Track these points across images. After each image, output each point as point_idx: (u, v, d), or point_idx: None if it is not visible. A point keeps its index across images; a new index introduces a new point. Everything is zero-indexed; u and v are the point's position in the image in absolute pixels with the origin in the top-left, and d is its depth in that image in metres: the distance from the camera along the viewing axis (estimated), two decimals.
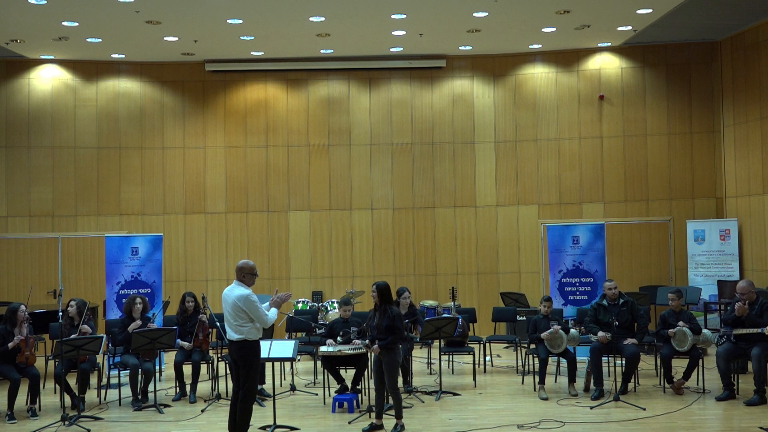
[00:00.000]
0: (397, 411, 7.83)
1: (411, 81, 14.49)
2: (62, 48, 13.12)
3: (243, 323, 7.23)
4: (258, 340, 7.33)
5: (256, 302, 7.23)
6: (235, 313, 7.24)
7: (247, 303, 7.20)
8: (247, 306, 7.19)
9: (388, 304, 7.99)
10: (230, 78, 14.40)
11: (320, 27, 12.13)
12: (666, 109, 14.02)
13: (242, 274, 7.37)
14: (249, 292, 7.27)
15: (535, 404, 8.98)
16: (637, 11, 11.72)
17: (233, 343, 7.30)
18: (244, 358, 7.26)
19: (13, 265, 13.54)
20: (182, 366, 9.58)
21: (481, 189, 14.37)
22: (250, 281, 7.40)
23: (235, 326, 7.25)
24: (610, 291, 9.56)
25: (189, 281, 13.95)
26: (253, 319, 7.23)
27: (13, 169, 13.80)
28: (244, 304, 7.19)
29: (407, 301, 10.19)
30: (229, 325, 7.32)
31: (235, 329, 7.26)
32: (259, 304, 7.26)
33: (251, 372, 7.28)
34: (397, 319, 7.87)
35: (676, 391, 9.27)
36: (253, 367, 7.28)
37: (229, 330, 7.32)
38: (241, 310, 7.20)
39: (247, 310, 7.19)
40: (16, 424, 8.43)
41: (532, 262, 14.13)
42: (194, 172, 14.33)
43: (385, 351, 7.80)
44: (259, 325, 7.29)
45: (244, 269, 7.39)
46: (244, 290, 7.28)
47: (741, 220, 13.15)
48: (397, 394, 7.84)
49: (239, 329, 7.23)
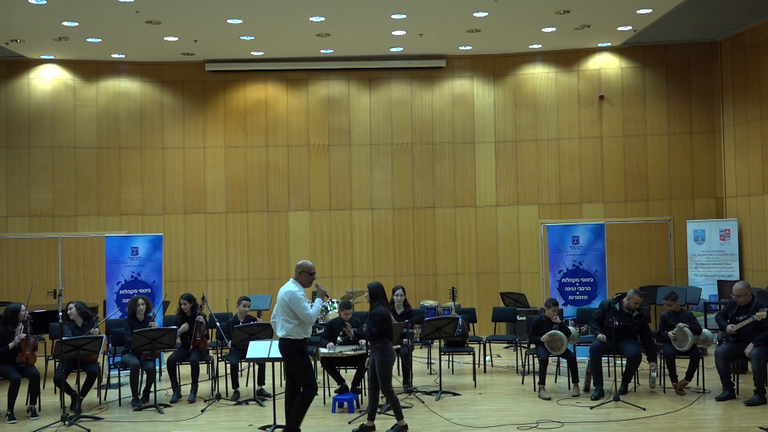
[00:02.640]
0: (396, 412, 7.79)
1: (411, 81, 14.49)
2: (62, 48, 13.12)
3: (288, 319, 7.34)
4: (303, 339, 7.39)
5: (300, 299, 7.32)
6: (282, 310, 7.38)
7: (292, 299, 7.31)
8: (291, 302, 7.30)
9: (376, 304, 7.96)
10: (230, 78, 14.40)
11: (320, 27, 12.13)
12: (666, 109, 14.02)
13: (299, 271, 7.51)
14: (296, 289, 7.38)
15: (534, 404, 8.97)
16: (637, 11, 11.72)
17: (280, 339, 7.45)
18: (288, 356, 7.39)
19: (13, 265, 13.54)
20: (176, 365, 9.55)
21: (481, 189, 14.37)
22: (306, 280, 7.51)
23: (282, 322, 7.39)
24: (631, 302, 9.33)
25: (189, 281, 13.95)
26: (299, 317, 7.30)
27: (13, 169, 13.80)
28: (289, 300, 7.31)
29: (400, 299, 10.22)
30: (277, 321, 7.46)
31: (281, 326, 7.40)
32: (304, 302, 7.35)
33: (300, 369, 7.36)
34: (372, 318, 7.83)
35: (678, 391, 9.27)
36: (300, 363, 7.36)
37: (277, 326, 7.46)
38: (286, 306, 7.33)
39: (291, 305, 7.30)
40: (16, 424, 8.43)
41: (532, 262, 14.13)
42: (194, 172, 14.33)
43: (377, 352, 7.79)
44: (305, 325, 7.37)
45: (303, 267, 7.53)
46: (293, 287, 7.39)
47: (741, 220, 13.15)
48: (391, 396, 7.77)
49: (284, 326, 7.37)
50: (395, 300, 10.24)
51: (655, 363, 9.48)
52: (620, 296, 9.54)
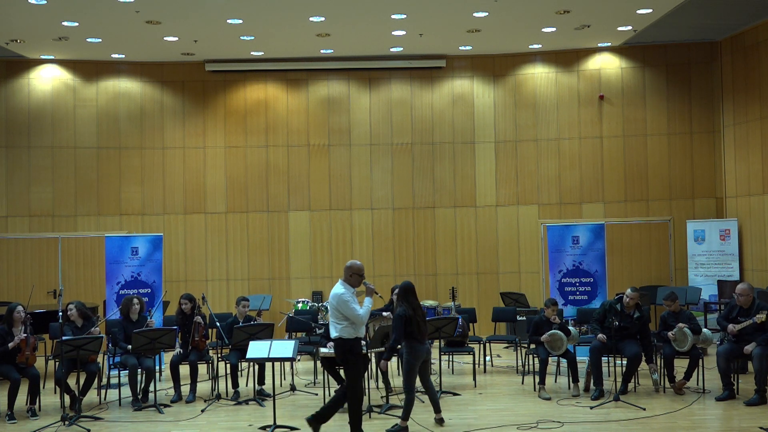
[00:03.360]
0: (405, 412, 7.82)
1: (411, 81, 14.49)
2: (62, 48, 13.12)
3: (339, 320, 7.39)
4: (356, 339, 7.42)
5: (347, 301, 7.36)
6: (333, 311, 7.44)
7: (340, 301, 7.35)
8: (339, 304, 7.35)
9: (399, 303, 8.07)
10: (230, 78, 14.39)
11: (320, 27, 12.13)
12: (666, 109, 14.02)
13: (349, 273, 7.51)
14: (344, 291, 7.40)
15: (535, 404, 8.97)
16: (637, 11, 11.72)
17: (333, 339, 7.50)
18: (341, 356, 7.44)
19: (13, 265, 13.53)
20: (178, 366, 9.56)
21: (481, 189, 14.36)
22: (356, 281, 7.52)
23: (333, 323, 7.44)
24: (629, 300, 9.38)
25: (189, 281, 13.95)
26: (348, 318, 7.34)
27: (13, 169, 13.80)
28: (337, 303, 7.36)
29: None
30: (330, 322, 7.53)
31: (333, 327, 7.46)
32: (353, 303, 7.38)
33: (350, 370, 7.41)
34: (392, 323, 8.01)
35: (677, 391, 9.27)
36: (350, 364, 7.40)
37: (330, 327, 7.52)
38: (335, 308, 7.39)
39: (340, 308, 7.34)
40: (16, 425, 8.42)
41: (532, 262, 14.13)
42: (194, 172, 14.32)
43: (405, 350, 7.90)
44: (356, 325, 7.39)
45: (352, 269, 7.53)
46: (341, 290, 7.42)
47: (741, 220, 13.14)
48: (408, 395, 7.84)
49: (336, 326, 7.41)
50: (393, 300, 10.24)
51: (654, 364, 9.49)
52: (621, 296, 9.54)
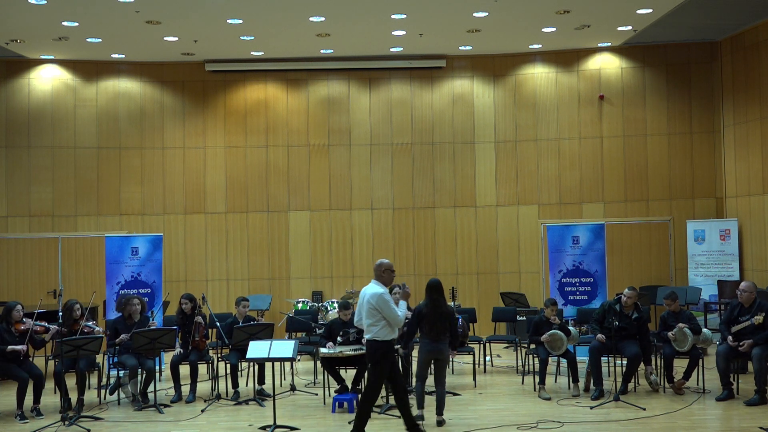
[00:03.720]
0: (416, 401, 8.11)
1: (411, 81, 14.49)
2: (62, 48, 13.12)
3: (375, 321, 7.32)
4: (390, 341, 7.38)
5: (389, 301, 7.33)
6: (368, 312, 7.35)
7: (380, 301, 7.30)
8: (379, 304, 7.28)
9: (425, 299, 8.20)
10: (230, 78, 14.39)
11: (320, 27, 12.13)
12: (666, 109, 14.02)
13: (381, 270, 7.47)
14: (384, 290, 7.38)
15: (535, 404, 8.97)
16: (637, 11, 11.72)
17: (367, 341, 7.45)
18: (371, 357, 7.39)
19: (13, 265, 13.53)
20: (179, 366, 9.55)
21: (481, 189, 14.36)
22: (388, 278, 7.50)
23: (368, 325, 7.37)
24: (627, 299, 9.39)
25: (189, 281, 13.95)
26: (385, 318, 7.30)
27: (13, 169, 13.80)
28: (377, 302, 7.29)
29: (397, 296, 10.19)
30: (363, 323, 7.46)
31: (367, 328, 7.39)
32: (392, 303, 7.35)
33: (376, 372, 7.35)
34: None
35: (677, 391, 9.27)
36: (378, 366, 7.34)
37: (365, 328, 7.47)
38: (373, 308, 7.31)
39: (379, 308, 7.28)
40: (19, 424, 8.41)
41: (532, 262, 14.12)
42: (194, 172, 14.32)
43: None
44: (392, 326, 7.37)
45: (383, 266, 7.50)
46: (379, 288, 7.38)
47: (741, 220, 13.14)
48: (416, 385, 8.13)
49: (371, 328, 7.34)
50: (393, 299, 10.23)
51: (651, 366, 9.49)
52: (620, 297, 9.53)
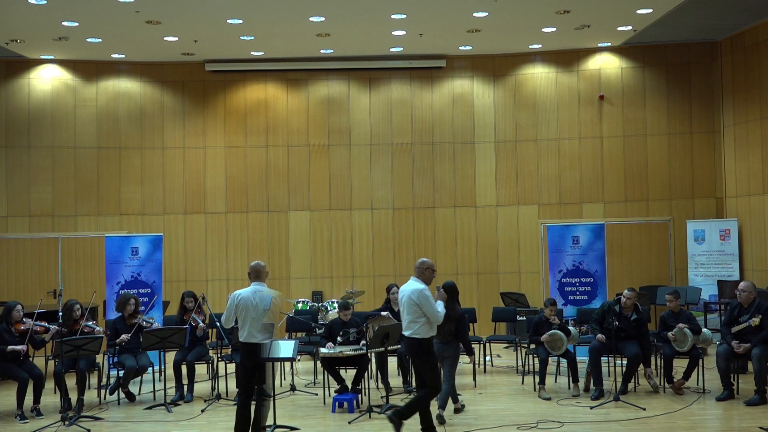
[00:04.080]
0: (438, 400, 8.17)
1: (411, 81, 14.49)
2: (62, 48, 13.12)
3: (415, 318, 7.33)
4: (429, 338, 7.40)
5: (429, 297, 7.34)
6: (408, 308, 7.37)
7: (421, 297, 7.31)
8: (420, 300, 7.30)
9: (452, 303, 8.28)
10: (230, 78, 14.39)
11: (320, 27, 12.13)
12: (666, 109, 14.02)
13: (423, 268, 7.51)
14: (424, 287, 7.40)
15: (535, 404, 8.97)
16: (637, 11, 11.72)
17: (405, 338, 7.47)
18: (416, 355, 7.39)
19: (13, 265, 13.53)
20: (180, 366, 9.55)
21: (481, 189, 14.36)
22: (429, 277, 7.53)
23: (408, 321, 7.39)
24: (627, 300, 9.39)
25: (189, 281, 13.94)
26: (426, 315, 7.31)
27: (13, 169, 13.80)
28: (418, 299, 7.31)
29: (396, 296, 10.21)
30: (403, 320, 7.47)
31: (406, 325, 7.40)
32: (432, 300, 7.37)
33: (428, 368, 7.36)
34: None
35: (676, 391, 9.27)
36: (428, 363, 7.35)
37: (403, 326, 7.49)
38: (414, 305, 7.32)
39: (420, 304, 7.29)
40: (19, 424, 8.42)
41: (532, 262, 14.13)
42: (194, 172, 14.32)
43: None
44: (432, 324, 7.38)
45: (425, 264, 7.55)
46: (419, 285, 7.40)
47: (741, 220, 13.14)
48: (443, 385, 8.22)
49: (411, 325, 7.36)
50: (391, 299, 10.26)
51: (650, 369, 9.50)
52: (620, 298, 9.53)
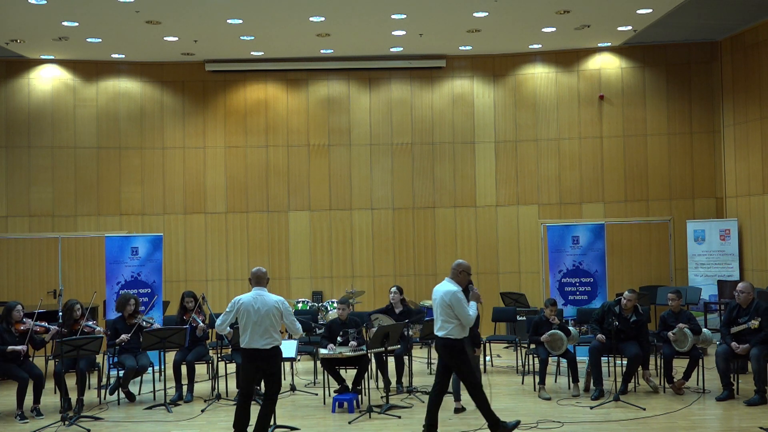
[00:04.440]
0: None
1: (411, 81, 14.49)
2: (62, 48, 13.12)
3: (448, 319, 7.36)
4: (462, 339, 7.41)
5: (461, 300, 7.36)
6: (441, 310, 7.40)
7: (453, 299, 7.33)
8: (453, 302, 7.32)
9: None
10: (230, 78, 14.39)
11: (320, 27, 12.13)
12: (666, 109, 14.02)
13: (459, 270, 7.52)
14: (458, 288, 7.41)
15: (535, 404, 8.98)
16: (637, 11, 11.72)
17: (437, 339, 7.49)
18: (451, 356, 7.42)
19: (13, 265, 13.53)
20: (180, 366, 9.54)
21: (481, 189, 14.36)
22: (464, 279, 7.53)
23: (440, 322, 7.42)
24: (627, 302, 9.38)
25: (189, 281, 13.94)
26: (458, 317, 7.33)
27: (13, 169, 13.80)
28: (450, 300, 7.33)
29: (396, 297, 10.22)
30: (436, 320, 7.51)
31: (440, 325, 7.43)
32: (465, 302, 7.39)
33: (465, 367, 7.40)
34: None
35: (676, 391, 9.27)
36: (464, 362, 7.39)
37: (435, 326, 7.52)
38: (447, 306, 7.35)
39: (452, 305, 7.32)
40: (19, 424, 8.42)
41: (532, 262, 14.13)
42: (194, 172, 14.32)
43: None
44: (464, 326, 7.39)
45: (462, 267, 7.56)
46: (453, 286, 7.42)
47: (741, 220, 13.14)
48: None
49: (443, 326, 7.39)
50: (391, 299, 10.27)
51: (648, 371, 9.50)
52: (620, 298, 9.53)
